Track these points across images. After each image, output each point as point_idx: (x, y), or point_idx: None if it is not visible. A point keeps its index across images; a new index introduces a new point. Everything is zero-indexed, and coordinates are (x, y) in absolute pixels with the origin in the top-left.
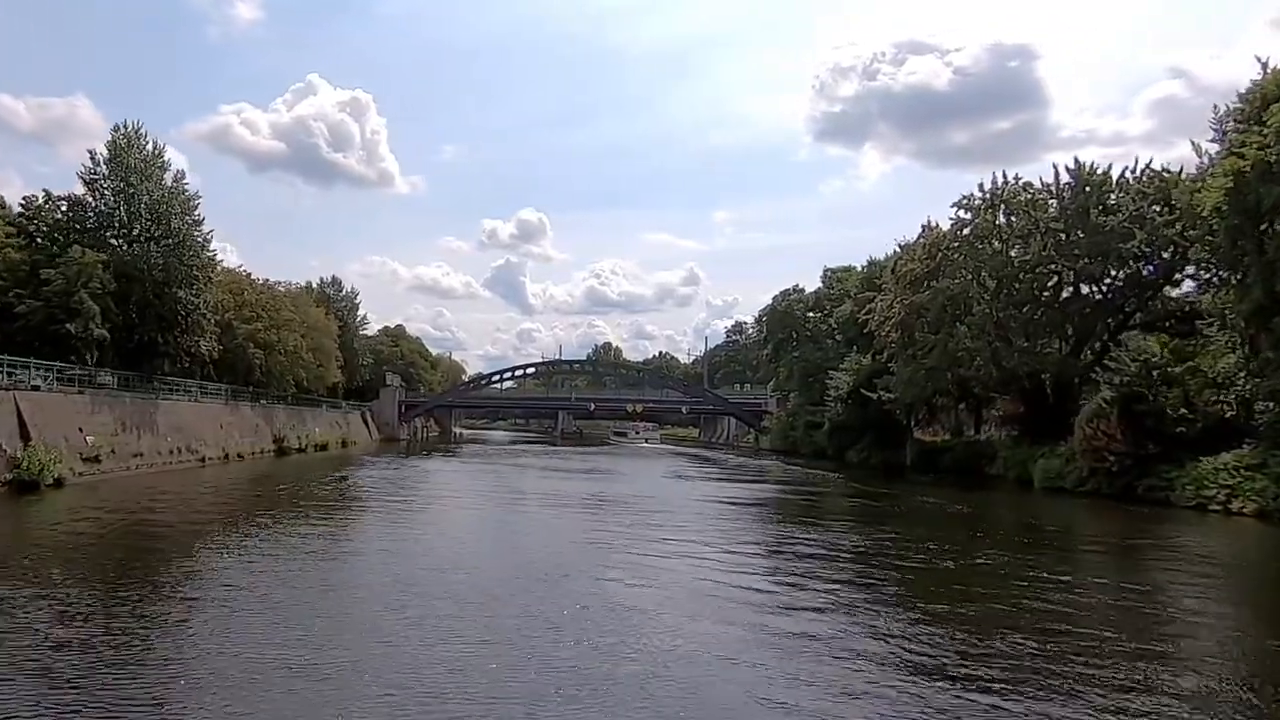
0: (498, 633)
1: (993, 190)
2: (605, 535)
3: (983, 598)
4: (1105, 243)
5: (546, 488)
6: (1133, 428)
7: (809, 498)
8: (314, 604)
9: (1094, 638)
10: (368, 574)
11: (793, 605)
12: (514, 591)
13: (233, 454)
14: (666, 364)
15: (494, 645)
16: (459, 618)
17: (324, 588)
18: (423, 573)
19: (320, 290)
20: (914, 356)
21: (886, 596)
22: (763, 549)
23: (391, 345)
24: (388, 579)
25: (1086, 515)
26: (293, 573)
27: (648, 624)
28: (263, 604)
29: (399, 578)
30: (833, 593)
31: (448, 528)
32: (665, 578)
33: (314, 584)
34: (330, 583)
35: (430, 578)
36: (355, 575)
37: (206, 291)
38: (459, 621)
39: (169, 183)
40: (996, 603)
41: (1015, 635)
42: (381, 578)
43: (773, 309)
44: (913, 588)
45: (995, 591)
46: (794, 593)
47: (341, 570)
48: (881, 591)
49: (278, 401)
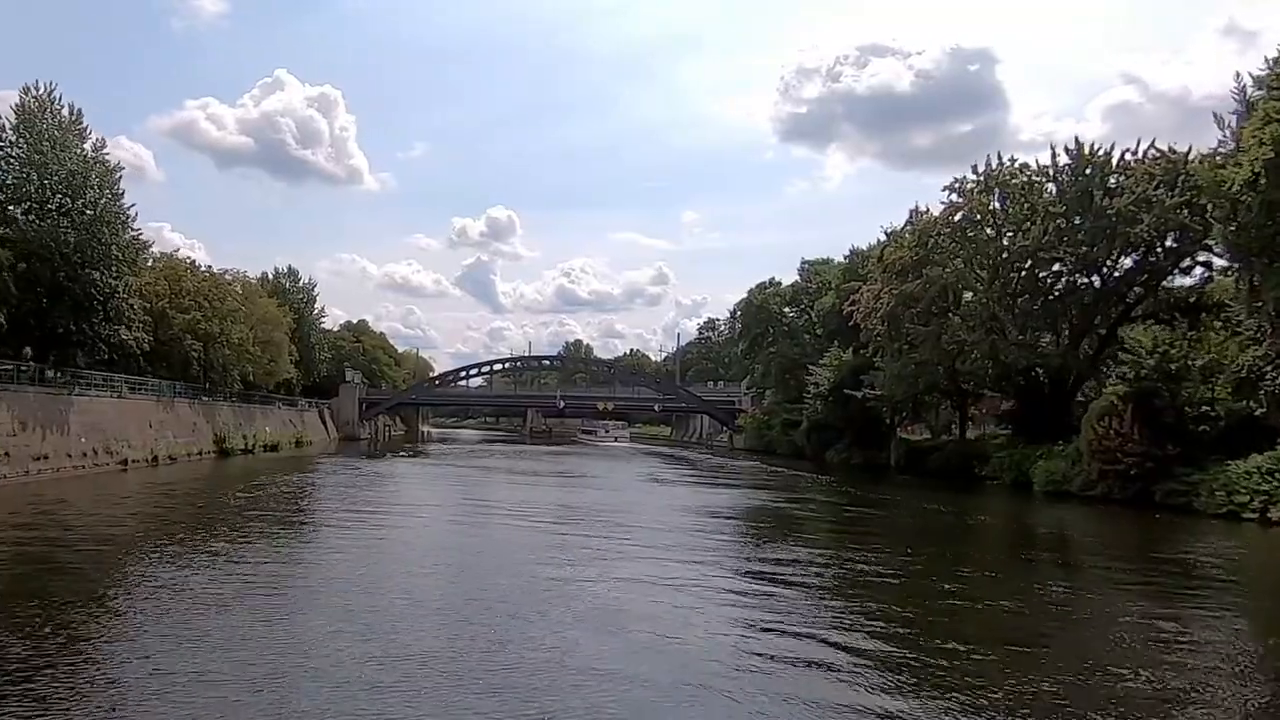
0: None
1: (986, 173)
2: (575, 561)
3: (1058, 670)
4: (1110, 227)
5: (513, 498)
6: (1149, 426)
7: (799, 507)
8: (201, 680)
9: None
10: (280, 623)
11: (804, 663)
12: (455, 651)
13: (163, 456)
14: (637, 361)
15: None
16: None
17: (221, 648)
18: (341, 632)
19: (275, 281)
20: (902, 350)
21: (935, 661)
22: (761, 581)
23: (353, 341)
24: (299, 639)
25: (1107, 525)
26: (179, 622)
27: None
28: (138, 663)
29: (299, 643)
30: (863, 660)
31: (388, 555)
32: (640, 630)
33: (210, 641)
34: (232, 641)
35: (347, 638)
36: (267, 623)
37: (130, 275)
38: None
39: (88, 152)
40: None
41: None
42: (294, 633)
43: (748, 303)
44: (983, 648)
45: (1074, 665)
46: (804, 645)
47: (251, 623)
48: (924, 652)
49: (223, 398)
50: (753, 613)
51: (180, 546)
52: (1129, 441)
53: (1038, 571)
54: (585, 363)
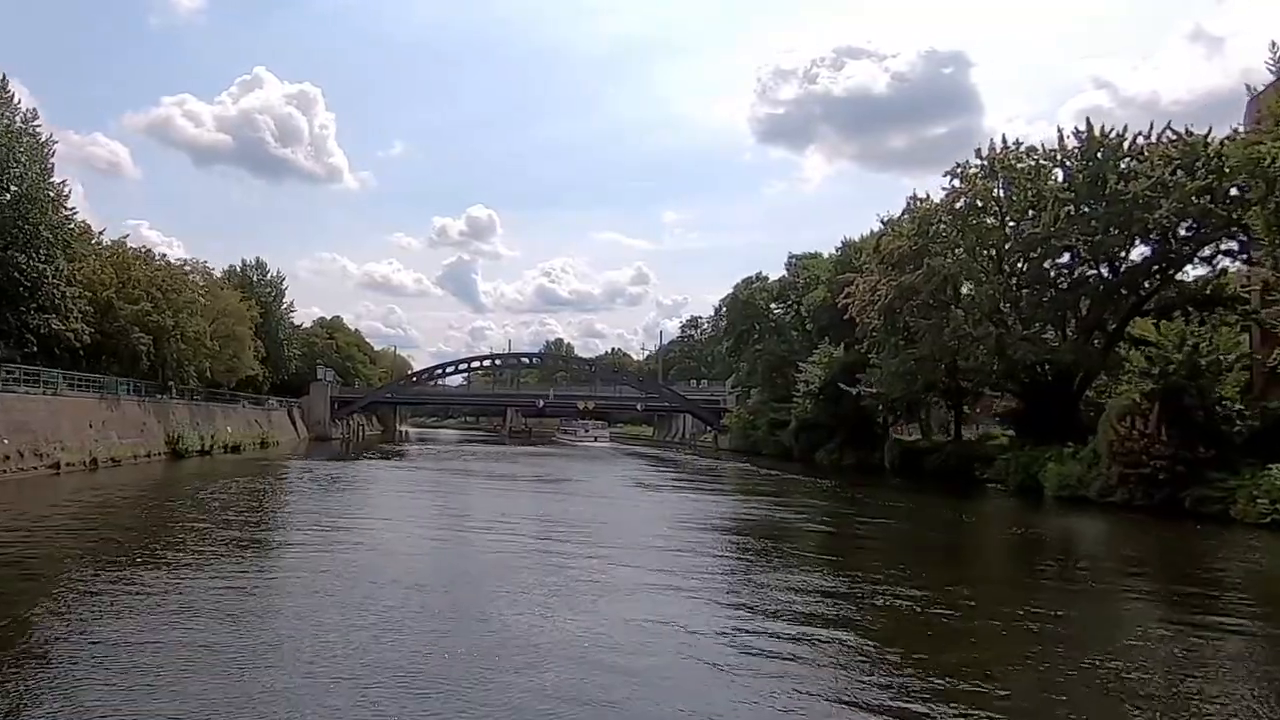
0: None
1: (990, 156)
2: (558, 594)
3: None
4: (1126, 213)
5: (489, 508)
6: (1176, 427)
7: (805, 518)
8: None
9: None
10: (197, 676)
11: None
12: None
13: (104, 459)
14: (619, 360)
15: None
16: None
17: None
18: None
19: (242, 274)
20: (900, 345)
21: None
22: (787, 626)
23: (326, 337)
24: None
25: (1144, 537)
26: (86, 673)
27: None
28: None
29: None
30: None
31: (326, 600)
32: (636, 697)
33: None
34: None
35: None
36: (179, 677)
37: (63, 259)
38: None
39: (16, 124)
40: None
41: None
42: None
43: (734, 298)
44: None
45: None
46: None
47: (169, 668)
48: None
49: (179, 396)
50: (787, 681)
51: (84, 570)
52: (1155, 443)
53: (1108, 600)
54: (566, 361)
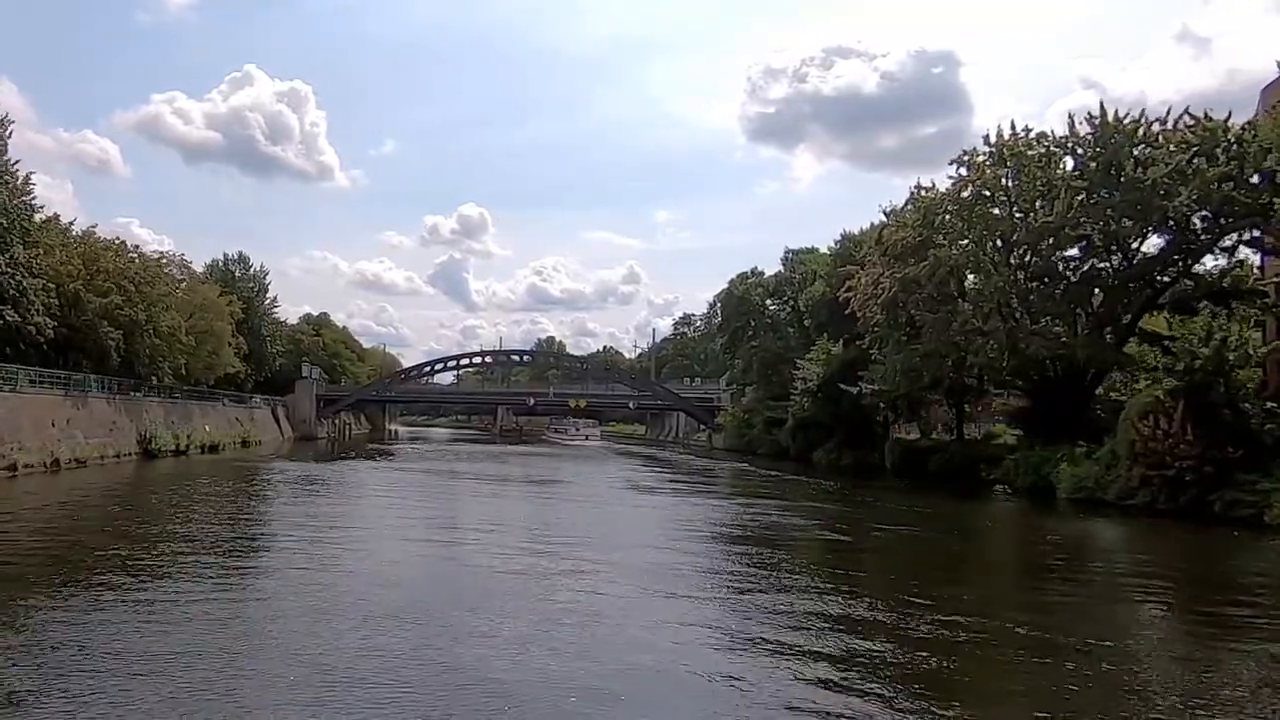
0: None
1: (999, 143)
2: (555, 626)
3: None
4: (1145, 201)
5: (477, 516)
6: (1203, 426)
7: (816, 525)
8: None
9: None
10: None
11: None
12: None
13: (68, 459)
14: (611, 358)
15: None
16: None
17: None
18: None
19: (224, 268)
20: (903, 341)
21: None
22: (821, 669)
23: (313, 334)
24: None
25: (1181, 544)
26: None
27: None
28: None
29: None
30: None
31: (287, 630)
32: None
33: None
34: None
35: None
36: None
37: (19, 247)
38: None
39: None
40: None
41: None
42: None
43: (729, 294)
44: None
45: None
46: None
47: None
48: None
49: (155, 394)
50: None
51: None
52: (1180, 443)
53: (1171, 622)
54: (558, 358)
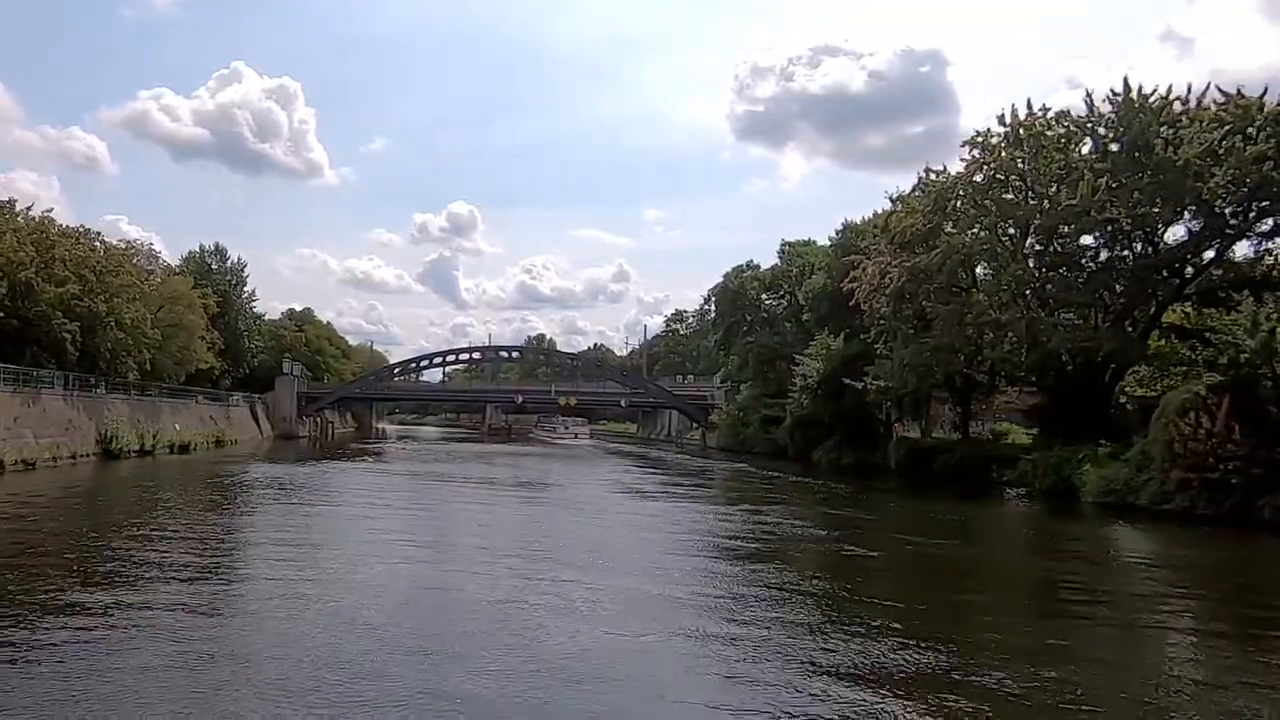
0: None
1: (1014, 123)
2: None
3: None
4: (1178, 182)
5: (462, 528)
6: (1250, 424)
7: (840, 536)
8: None
9: None
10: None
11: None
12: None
13: (14, 460)
14: (602, 356)
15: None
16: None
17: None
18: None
19: (200, 259)
20: (913, 334)
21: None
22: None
23: (296, 330)
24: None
25: (1253, 556)
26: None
27: None
28: None
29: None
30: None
31: (235, 688)
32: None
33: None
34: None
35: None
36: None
37: None
38: None
39: None
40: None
41: None
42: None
43: (724, 287)
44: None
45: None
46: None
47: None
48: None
49: (119, 391)
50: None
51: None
52: (1225, 443)
53: None
54: (548, 355)
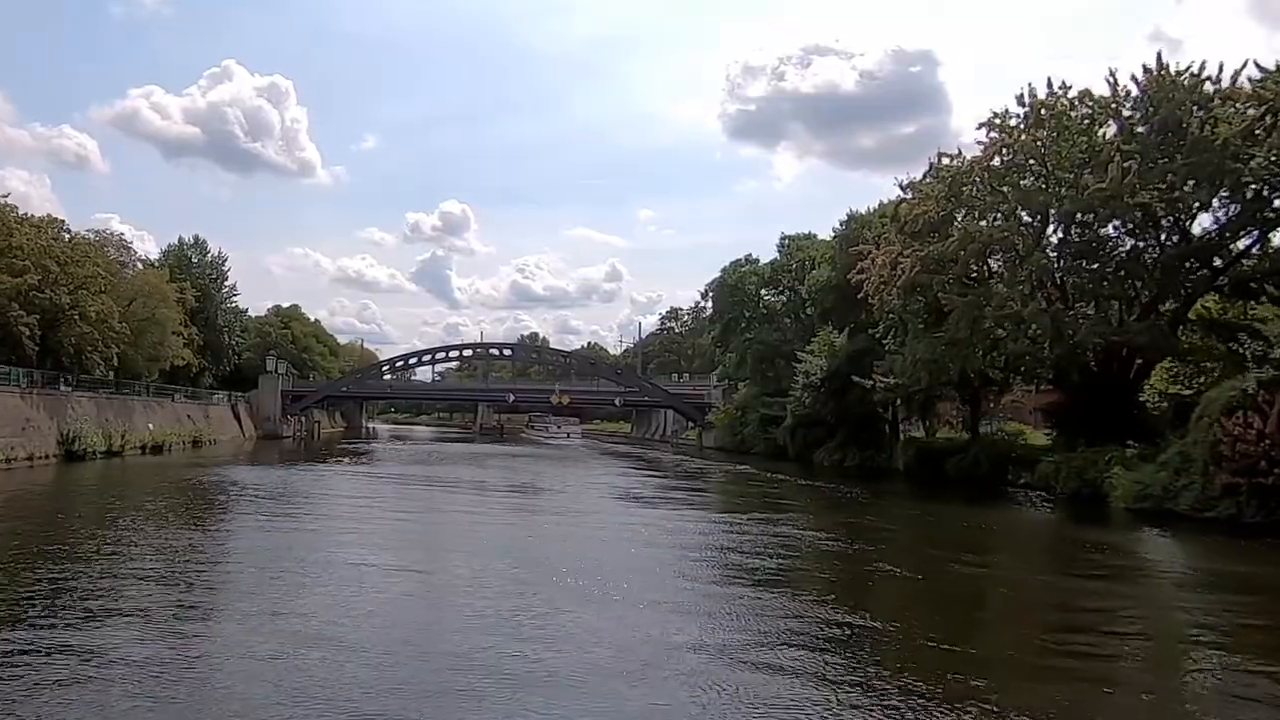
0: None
1: (1035, 103)
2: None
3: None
4: (1216, 164)
5: (452, 545)
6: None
7: (864, 548)
8: None
9: None
10: None
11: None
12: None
13: None
14: (595, 354)
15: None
16: None
17: None
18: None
19: (179, 253)
20: (925, 328)
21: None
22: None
23: (281, 327)
24: None
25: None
26: None
27: None
28: None
29: None
30: None
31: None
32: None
33: None
34: None
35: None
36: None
37: None
38: None
39: None
40: None
41: None
42: None
43: (722, 283)
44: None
45: None
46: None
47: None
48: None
49: (85, 388)
50: None
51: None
52: (1278, 445)
53: None
54: (540, 352)
